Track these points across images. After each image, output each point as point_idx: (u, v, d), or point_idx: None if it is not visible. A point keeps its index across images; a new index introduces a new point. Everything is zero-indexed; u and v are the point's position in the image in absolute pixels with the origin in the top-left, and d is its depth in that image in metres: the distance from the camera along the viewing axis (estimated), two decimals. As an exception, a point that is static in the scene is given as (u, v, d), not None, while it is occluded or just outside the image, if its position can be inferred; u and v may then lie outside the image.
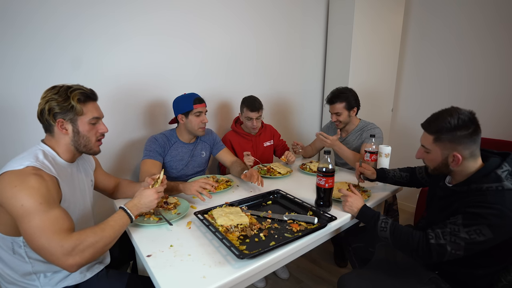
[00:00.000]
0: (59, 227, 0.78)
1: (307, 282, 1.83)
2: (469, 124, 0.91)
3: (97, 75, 1.50)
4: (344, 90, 1.80)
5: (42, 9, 1.30)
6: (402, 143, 2.80)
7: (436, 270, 1.05)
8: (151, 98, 1.73)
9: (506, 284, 0.94)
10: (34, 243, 0.76)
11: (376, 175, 1.41)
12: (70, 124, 0.95)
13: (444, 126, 0.93)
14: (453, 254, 0.87)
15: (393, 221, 1.03)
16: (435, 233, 0.91)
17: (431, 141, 0.98)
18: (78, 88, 0.96)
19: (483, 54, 2.29)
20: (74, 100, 0.93)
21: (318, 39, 2.56)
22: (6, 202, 0.77)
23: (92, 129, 0.99)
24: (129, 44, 1.57)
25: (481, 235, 0.84)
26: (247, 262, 0.85)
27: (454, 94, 2.47)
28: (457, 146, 0.93)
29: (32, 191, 0.78)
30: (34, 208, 0.77)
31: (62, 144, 0.96)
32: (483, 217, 0.84)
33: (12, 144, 1.32)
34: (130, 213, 0.95)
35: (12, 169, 0.81)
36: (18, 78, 1.30)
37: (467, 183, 0.95)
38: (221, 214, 1.09)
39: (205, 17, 1.84)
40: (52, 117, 0.92)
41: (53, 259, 0.76)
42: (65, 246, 0.76)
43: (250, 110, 1.80)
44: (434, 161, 1.01)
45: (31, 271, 0.89)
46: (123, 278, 1.00)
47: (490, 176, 0.90)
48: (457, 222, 0.88)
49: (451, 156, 0.94)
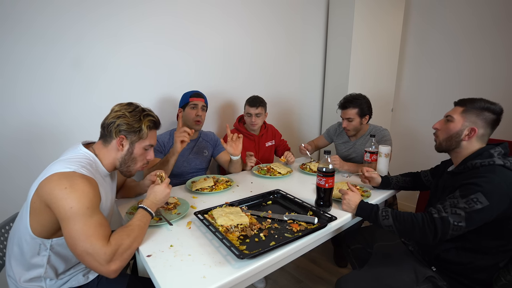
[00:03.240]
0: (102, 233, 0.79)
1: (307, 282, 1.83)
2: (497, 112, 1.02)
3: (99, 76, 1.50)
4: (357, 96, 1.76)
5: (48, 10, 1.32)
6: (402, 143, 2.80)
7: (435, 265, 1.06)
8: (152, 98, 1.73)
9: (505, 283, 0.95)
10: (78, 247, 0.76)
11: (381, 182, 1.41)
12: (128, 144, 0.98)
13: (479, 105, 1.04)
14: (456, 226, 0.90)
15: (393, 209, 1.05)
16: (437, 208, 0.95)
17: (460, 111, 1.06)
18: (150, 114, 1.01)
19: (482, 55, 2.29)
20: (145, 125, 0.98)
21: (318, 41, 2.57)
22: (55, 203, 0.78)
23: (143, 154, 1.02)
24: (131, 46, 1.58)
25: (478, 203, 0.89)
26: (247, 262, 0.85)
27: (454, 95, 2.47)
28: (479, 121, 1.03)
29: (81, 194, 0.79)
30: (82, 211, 0.78)
31: (111, 157, 0.98)
32: (477, 185, 0.91)
33: (13, 144, 1.32)
34: (151, 211, 0.97)
35: (59, 171, 0.81)
36: (23, 78, 1.30)
37: (463, 162, 1.04)
38: (221, 214, 1.09)
39: (208, 21, 1.86)
40: (117, 132, 0.95)
41: (96, 265, 0.76)
42: (108, 252, 0.77)
43: (250, 106, 1.82)
44: (449, 131, 1.07)
45: (42, 276, 0.89)
46: (123, 280, 1.00)
47: (483, 154, 1.00)
48: (455, 195, 0.94)
49: (469, 129, 1.03)
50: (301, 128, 2.69)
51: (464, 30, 2.37)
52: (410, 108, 2.79)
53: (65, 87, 1.42)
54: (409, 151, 2.73)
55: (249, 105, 1.82)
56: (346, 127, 1.79)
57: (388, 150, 1.53)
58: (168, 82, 1.77)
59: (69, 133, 1.47)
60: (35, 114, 1.37)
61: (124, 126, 0.95)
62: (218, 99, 2.04)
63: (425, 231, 0.94)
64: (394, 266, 1.10)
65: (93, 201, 0.82)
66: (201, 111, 1.60)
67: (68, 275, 0.94)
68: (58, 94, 1.40)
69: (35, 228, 0.84)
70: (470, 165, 1.01)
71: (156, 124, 1.04)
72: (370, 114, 1.79)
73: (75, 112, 1.48)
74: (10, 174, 1.34)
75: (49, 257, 0.88)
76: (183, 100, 1.63)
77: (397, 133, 2.87)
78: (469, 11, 2.32)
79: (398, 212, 1.03)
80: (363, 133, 1.85)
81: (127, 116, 0.96)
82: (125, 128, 0.95)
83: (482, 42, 2.29)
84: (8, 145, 1.32)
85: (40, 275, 0.89)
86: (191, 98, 1.60)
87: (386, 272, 1.07)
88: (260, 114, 1.85)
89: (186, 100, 1.60)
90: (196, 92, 1.63)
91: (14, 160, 1.35)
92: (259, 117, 1.85)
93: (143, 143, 1.00)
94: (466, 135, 1.04)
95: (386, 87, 2.68)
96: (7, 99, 1.29)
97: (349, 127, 1.78)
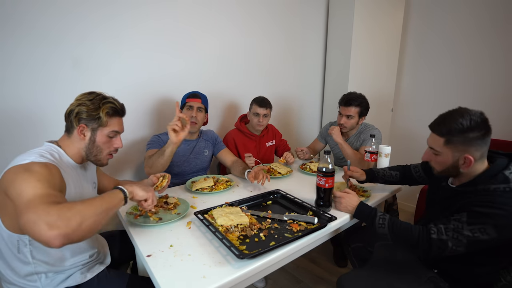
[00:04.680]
0: (50, 200, 0.70)
1: (307, 282, 1.83)
2: (481, 125, 0.89)
3: (101, 76, 1.51)
4: (360, 95, 1.77)
5: (50, 11, 1.31)
6: (402, 143, 2.80)
7: (435, 268, 1.05)
8: (153, 99, 1.73)
9: (506, 284, 0.94)
10: (22, 217, 0.66)
11: (366, 176, 1.39)
12: (89, 132, 0.97)
13: (456, 128, 0.90)
14: (453, 250, 0.87)
15: (391, 217, 1.03)
16: (437, 228, 0.90)
17: (442, 143, 0.94)
18: (111, 101, 0.99)
19: (480, 56, 2.30)
20: (103, 112, 0.96)
21: (318, 42, 2.57)
22: (8, 189, 0.74)
23: (107, 141, 1.01)
24: (134, 47, 1.59)
25: (485, 234, 0.83)
26: (247, 262, 0.85)
27: (454, 95, 2.48)
28: (469, 148, 0.90)
29: (33, 174, 0.76)
30: (32, 185, 0.72)
31: (75, 147, 0.98)
32: (490, 217, 0.84)
33: (15, 144, 1.32)
34: (123, 188, 0.88)
35: (17, 164, 0.80)
36: (26, 79, 1.30)
37: (473, 184, 0.93)
38: (221, 214, 1.09)
39: (209, 24, 1.86)
40: (76, 120, 0.95)
41: (37, 230, 0.63)
42: (51, 212, 0.65)
43: (258, 106, 1.82)
44: (443, 164, 0.97)
45: (33, 271, 0.88)
46: (123, 278, 1.00)
47: (497, 177, 0.89)
48: (461, 220, 0.87)
49: (462, 159, 0.92)
50: (301, 129, 2.70)
51: (462, 32, 2.37)
52: (410, 108, 2.79)
53: (68, 88, 1.41)
54: (409, 151, 2.72)
55: (259, 105, 1.81)
56: (343, 123, 1.78)
57: (388, 150, 1.53)
58: (168, 82, 1.76)
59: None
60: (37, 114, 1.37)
61: (84, 114, 0.94)
62: (218, 99, 2.04)
63: (417, 247, 0.92)
64: (395, 266, 1.10)
65: (47, 178, 0.77)
66: (197, 112, 1.58)
67: (64, 273, 0.93)
68: (61, 95, 1.40)
69: (7, 224, 0.83)
70: (481, 189, 0.90)
71: (117, 111, 1.00)
72: (366, 115, 1.82)
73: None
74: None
75: (31, 252, 0.86)
76: (182, 100, 1.63)
77: (397, 133, 2.87)
78: (468, 14, 2.32)
79: (395, 221, 1.00)
80: (354, 132, 1.87)
81: (87, 104, 0.94)
82: (85, 116, 0.94)
83: (480, 44, 2.29)
84: (9, 145, 1.32)
85: (31, 272, 0.88)
86: (188, 99, 1.59)
87: (388, 272, 1.07)
88: (267, 115, 1.86)
89: (183, 101, 1.61)
90: (192, 93, 1.62)
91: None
92: (266, 117, 1.86)
93: (105, 130, 0.98)
94: (463, 164, 0.93)
95: (386, 87, 2.68)
96: (10, 100, 1.29)
97: (346, 124, 1.78)
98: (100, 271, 1.00)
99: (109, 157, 1.05)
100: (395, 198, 1.69)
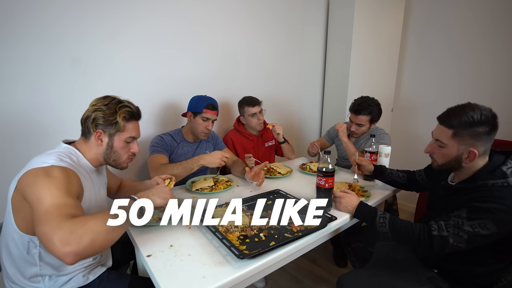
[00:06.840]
0: (66, 212, 0.71)
1: (307, 282, 1.83)
2: (491, 121, 0.90)
3: (100, 76, 1.50)
4: (371, 102, 1.72)
5: (49, 10, 1.31)
6: (402, 142, 2.79)
7: (436, 268, 1.05)
8: (154, 98, 1.73)
9: (506, 284, 0.94)
10: (38, 228, 0.68)
11: (374, 169, 1.41)
12: (107, 138, 0.97)
13: (467, 121, 0.90)
14: (455, 246, 0.88)
15: (391, 215, 1.03)
16: (438, 225, 0.91)
17: (449, 135, 0.94)
18: (127, 105, 0.99)
19: (482, 55, 2.29)
20: (120, 117, 0.95)
21: (318, 41, 2.56)
22: (27, 191, 0.75)
23: (125, 147, 1.01)
24: (132, 46, 1.58)
25: (485, 229, 0.84)
26: (247, 262, 0.85)
27: (454, 95, 2.47)
28: (476, 142, 0.91)
29: (52, 180, 0.77)
30: (50, 193, 0.73)
31: (92, 152, 0.98)
32: (489, 211, 0.85)
33: (16, 144, 1.32)
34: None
35: (37, 166, 0.80)
36: (24, 78, 1.30)
37: (472, 180, 0.95)
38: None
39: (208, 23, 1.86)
40: (93, 126, 0.94)
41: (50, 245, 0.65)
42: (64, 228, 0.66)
43: (251, 106, 1.81)
44: (447, 156, 0.97)
45: (38, 273, 0.88)
46: (124, 280, 0.99)
47: (495, 172, 0.90)
48: (461, 216, 0.88)
49: (467, 152, 0.92)
50: (301, 129, 2.69)
51: (464, 31, 2.36)
52: (410, 108, 2.78)
53: (66, 87, 1.41)
54: (409, 151, 2.72)
55: (251, 105, 1.81)
56: (354, 131, 1.78)
57: (388, 150, 1.53)
58: (169, 82, 1.76)
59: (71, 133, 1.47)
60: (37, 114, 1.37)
61: (100, 120, 0.93)
62: (218, 99, 2.03)
63: (419, 245, 0.93)
64: (395, 266, 1.10)
65: (65, 185, 0.78)
66: (211, 124, 1.58)
67: (66, 275, 0.93)
68: (59, 95, 1.40)
69: (20, 224, 0.83)
70: (480, 184, 0.92)
71: (134, 115, 1.00)
72: (377, 121, 1.79)
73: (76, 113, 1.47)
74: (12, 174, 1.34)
75: (40, 254, 0.86)
76: (196, 106, 1.55)
77: (397, 133, 2.86)
78: (469, 12, 2.31)
79: (396, 219, 1.01)
80: (365, 134, 1.85)
81: (103, 110, 0.94)
82: (101, 121, 0.94)
83: (482, 42, 2.28)
84: (9, 145, 1.32)
85: (36, 273, 0.88)
86: (205, 110, 1.53)
87: (388, 271, 1.07)
88: (262, 110, 1.87)
89: (200, 109, 1.53)
90: (211, 103, 1.55)
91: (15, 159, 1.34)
92: (262, 113, 1.87)
93: (122, 135, 0.98)
94: (466, 158, 0.93)
95: (386, 87, 2.68)
96: (9, 99, 1.29)
97: (357, 131, 1.78)
98: (102, 272, 1.00)
99: (129, 161, 1.06)
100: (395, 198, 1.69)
